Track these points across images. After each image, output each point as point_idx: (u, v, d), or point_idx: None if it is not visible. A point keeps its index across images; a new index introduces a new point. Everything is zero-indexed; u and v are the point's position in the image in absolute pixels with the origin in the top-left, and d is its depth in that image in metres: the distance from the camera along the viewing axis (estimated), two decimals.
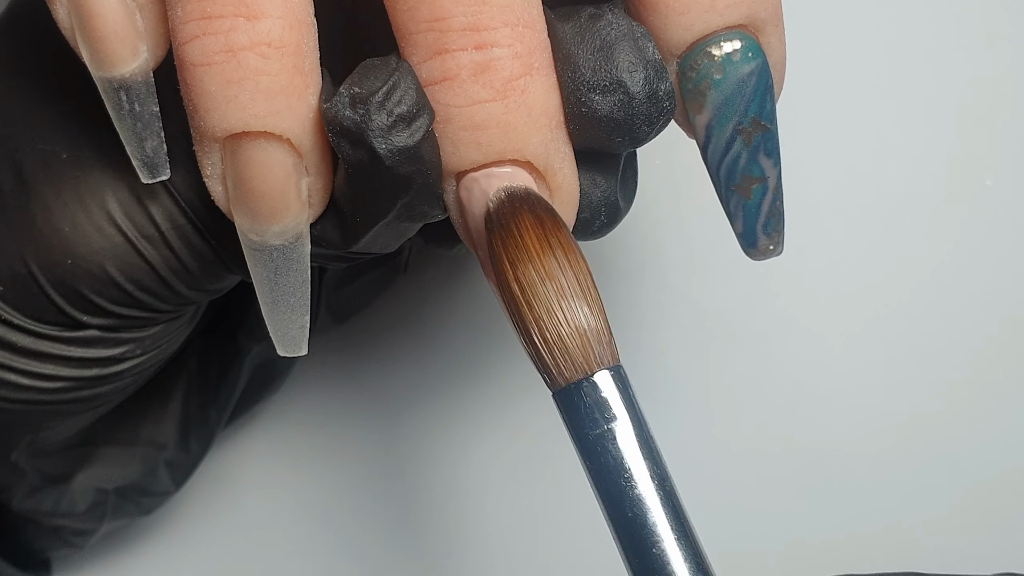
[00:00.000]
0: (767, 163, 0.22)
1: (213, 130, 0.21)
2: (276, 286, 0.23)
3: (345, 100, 0.21)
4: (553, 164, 0.22)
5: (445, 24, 0.20)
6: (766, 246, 0.23)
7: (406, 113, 0.20)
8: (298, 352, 0.24)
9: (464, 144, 0.21)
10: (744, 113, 0.22)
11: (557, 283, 0.20)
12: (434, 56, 0.21)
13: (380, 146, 0.21)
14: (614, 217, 0.23)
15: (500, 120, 0.21)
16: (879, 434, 0.34)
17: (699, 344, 0.35)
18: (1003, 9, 0.34)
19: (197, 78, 0.21)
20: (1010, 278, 0.34)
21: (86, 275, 0.24)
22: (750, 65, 0.21)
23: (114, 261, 0.24)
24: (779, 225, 0.23)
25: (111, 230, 0.24)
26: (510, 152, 0.21)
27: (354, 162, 0.21)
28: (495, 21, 0.21)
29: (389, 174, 0.21)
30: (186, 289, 0.25)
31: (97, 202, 0.24)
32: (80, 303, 0.24)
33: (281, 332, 0.24)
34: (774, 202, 0.22)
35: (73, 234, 0.24)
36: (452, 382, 0.35)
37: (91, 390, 0.26)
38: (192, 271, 0.25)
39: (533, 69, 0.21)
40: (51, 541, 0.32)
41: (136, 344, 0.26)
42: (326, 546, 0.35)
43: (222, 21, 0.20)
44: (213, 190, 0.22)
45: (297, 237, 0.22)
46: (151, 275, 0.24)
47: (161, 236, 0.24)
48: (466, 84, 0.21)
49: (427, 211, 0.22)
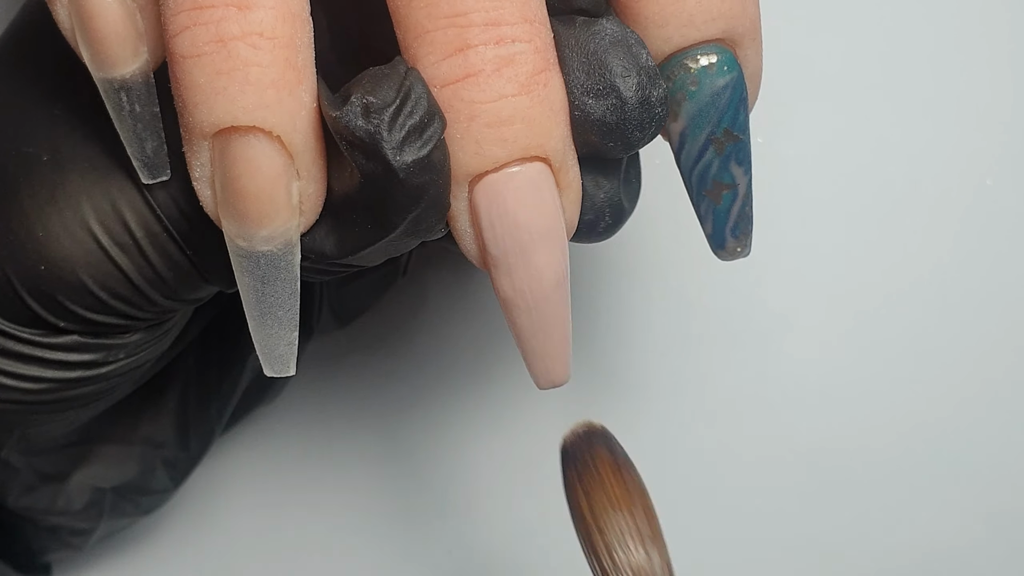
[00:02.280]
0: (738, 171, 0.23)
1: (201, 125, 0.20)
2: (264, 297, 0.22)
3: (357, 110, 0.20)
4: (567, 161, 0.22)
5: (466, 20, 0.20)
6: (734, 248, 0.23)
7: (419, 123, 0.20)
8: (285, 372, 0.23)
9: (489, 141, 0.21)
10: (717, 124, 0.22)
11: (630, 519, 0.22)
12: (455, 53, 0.20)
13: (394, 157, 0.20)
14: (619, 218, 0.23)
15: (526, 114, 0.20)
16: (879, 433, 0.34)
17: (699, 344, 0.35)
18: (1003, 9, 0.34)
19: (187, 70, 0.20)
20: (1010, 278, 0.34)
21: (59, 282, 0.24)
22: (725, 78, 0.22)
23: (87, 268, 0.23)
24: (747, 228, 0.23)
25: (85, 237, 0.23)
26: (533, 148, 0.21)
27: (367, 173, 0.20)
28: (514, 16, 0.20)
29: (402, 186, 0.20)
30: (161, 298, 0.24)
31: (72, 208, 0.23)
32: (55, 309, 0.24)
33: (268, 349, 0.23)
34: (743, 207, 0.23)
35: (47, 239, 0.23)
36: (452, 384, 0.35)
37: (76, 390, 0.26)
38: (167, 280, 0.24)
39: (551, 65, 0.21)
40: (49, 542, 0.32)
41: (119, 349, 0.26)
42: (326, 547, 0.35)
43: (213, 11, 0.20)
44: (201, 194, 0.21)
45: (286, 244, 0.21)
46: (125, 284, 0.24)
47: (135, 244, 0.23)
48: (491, 79, 0.20)
49: (433, 225, 0.22)
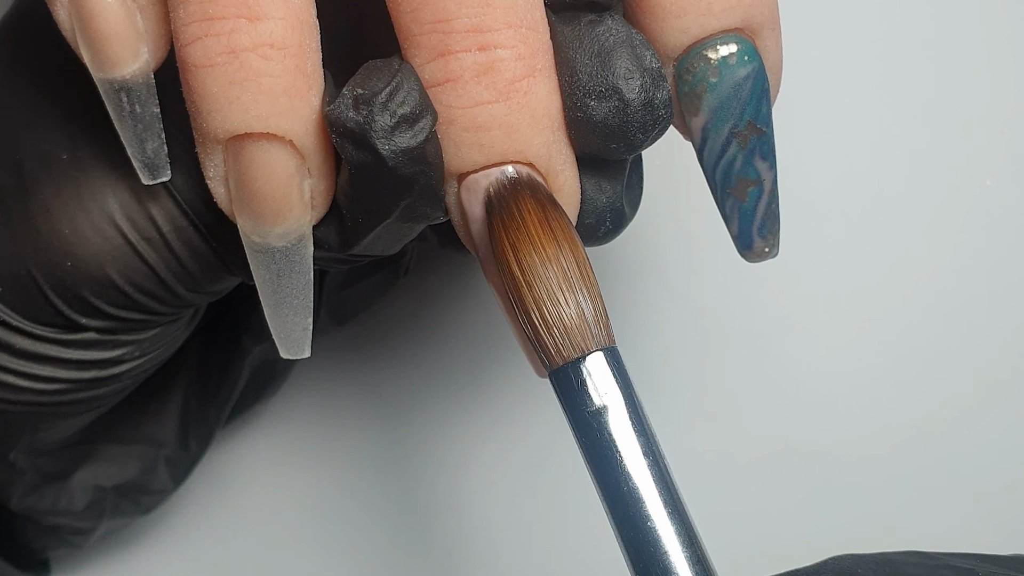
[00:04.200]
0: (763, 166, 0.22)
1: (215, 132, 0.21)
2: (279, 288, 0.23)
3: (348, 101, 0.21)
4: (555, 166, 0.22)
5: (448, 25, 0.20)
6: (762, 248, 0.23)
7: (409, 114, 0.20)
8: (301, 354, 0.24)
9: (466, 145, 0.21)
10: (740, 116, 0.22)
11: (558, 266, 0.21)
12: (437, 57, 0.21)
13: (383, 147, 0.20)
14: (619, 223, 0.23)
15: (503, 121, 0.21)
16: (878, 434, 0.34)
17: (699, 344, 0.34)
18: (1003, 9, 0.34)
19: (199, 79, 0.20)
20: (1011, 279, 0.34)
21: (86, 277, 0.24)
22: (746, 68, 0.21)
23: (114, 263, 0.24)
24: (775, 227, 0.23)
25: (111, 232, 0.24)
26: (512, 154, 0.21)
27: (357, 163, 0.21)
28: (499, 23, 0.20)
29: (392, 175, 0.21)
30: (185, 291, 0.25)
31: (97, 204, 0.24)
32: (79, 305, 0.24)
33: (284, 334, 0.24)
34: (769, 204, 0.22)
35: (73, 236, 0.24)
36: (452, 384, 0.35)
37: (89, 392, 0.26)
38: (192, 273, 0.25)
39: (536, 71, 0.21)
40: (50, 540, 0.32)
41: (134, 347, 0.26)
42: (326, 546, 0.35)
43: (224, 22, 0.20)
44: (216, 192, 0.22)
45: (300, 239, 0.22)
46: (151, 277, 0.24)
47: (162, 238, 0.24)
48: (469, 85, 0.21)
49: (429, 212, 0.22)
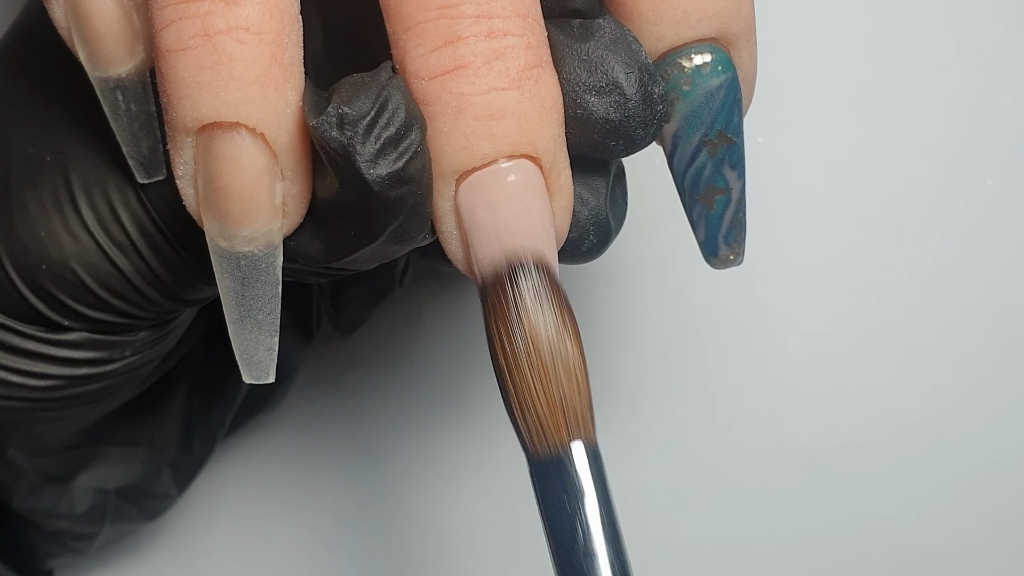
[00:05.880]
0: (731, 175, 0.22)
1: (184, 121, 0.20)
2: (243, 299, 0.22)
3: (333, 120, 0.20)
4: (558, 163, 0.21)
5: (457, 11, 0.20)
6: (727, 256, 0.23)
7: (395, 135, 0.20)
8: (264, 379, 0.23)
9: (477, 135, 0.20)
10: (711, 125, 0.22)
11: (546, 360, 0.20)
12: (445, 44, 0.20)
13: (368, 171, 0.20)
14: (605, 238, 0.23)
15: (516, 109, 0.20)
16: (879, 434, 0.34)
17: (699, 344, 0.34)
18: (1002, 9, 0.34)
19: (171, 65, 0.20)
20: (1012, 279, 0.34)
21: (61, 280, 0.24)
22: (719, 78, 0.22)
23: (87, 268, 0.24)
24: (740, 236, 0.23)
25: (84, 236, 0.24)
26: (523, 145, 0.20)
27: (344, 183, 0.20)
28: (507, 10, 0.20)
29: (378, 199, 0.20)
30: (161, 298, 0.25)
31: (72, 207, 0.23)
32: (58, 307, 0.24)
33: (247, 354, 0.22)
34: (736, 213, 0.23)
35: (48, 239, 0.24)
36: (453, 392, 0.35)
37: (83, 387, 0.26)
38: (164, 280, 0.24)
39: (543, 61, 0.20)
40: (53, 547, 0.32)
41: (125, 347, 0.26)
42: (328, 554, 0.35)
43: (199, 5, 0.20)
44: (184, 192, 0.21)
45: (268, 246, 0.21)
46: (124, 283, 0.24)
47: (131, 244, 0.24)
48: (481, 71, 0.20)
49: (416, 234, 0.21)
